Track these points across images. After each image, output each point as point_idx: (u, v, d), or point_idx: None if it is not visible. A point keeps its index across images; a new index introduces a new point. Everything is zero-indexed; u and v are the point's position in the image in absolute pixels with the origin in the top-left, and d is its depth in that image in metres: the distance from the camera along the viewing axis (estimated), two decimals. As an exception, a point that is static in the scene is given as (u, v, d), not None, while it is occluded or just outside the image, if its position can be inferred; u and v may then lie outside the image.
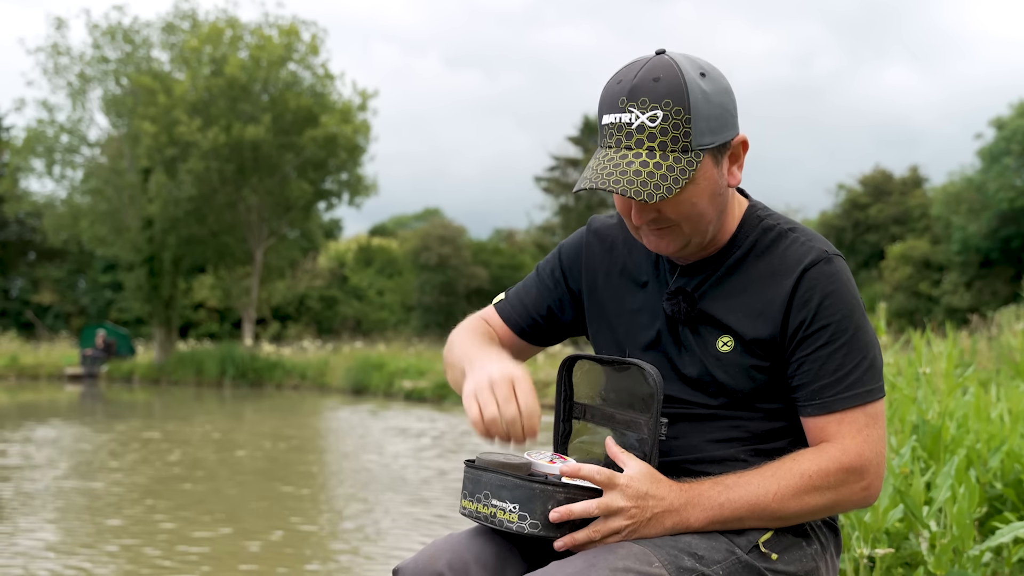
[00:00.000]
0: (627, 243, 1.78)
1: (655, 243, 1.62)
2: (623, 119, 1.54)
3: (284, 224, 31.61)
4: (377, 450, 12.04)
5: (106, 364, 29.17)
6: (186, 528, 6.96)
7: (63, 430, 14.09)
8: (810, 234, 1.66)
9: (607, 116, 1.57)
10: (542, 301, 1.82)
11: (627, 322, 1.73)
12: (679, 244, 1.61)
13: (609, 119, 1.56)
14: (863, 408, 1.58)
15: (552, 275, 1.82)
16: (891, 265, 35.08)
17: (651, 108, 1.52)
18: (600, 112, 1.60)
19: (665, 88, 1.52)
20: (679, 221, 1.58)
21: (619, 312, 1.75)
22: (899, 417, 3.33)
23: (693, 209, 1.57)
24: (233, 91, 28.46)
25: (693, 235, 1.60)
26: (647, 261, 1.74)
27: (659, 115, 1.51)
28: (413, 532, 6.97)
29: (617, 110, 1.55)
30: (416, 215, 59.49)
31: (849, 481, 1.56)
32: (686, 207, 1.56)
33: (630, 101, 1.53)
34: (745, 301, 1.63)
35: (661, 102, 1.51)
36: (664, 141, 1.52)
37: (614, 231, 1.80)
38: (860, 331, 1.60)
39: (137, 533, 6.81)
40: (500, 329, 1.84)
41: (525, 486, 1.49)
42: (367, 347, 30.66)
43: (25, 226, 41.60)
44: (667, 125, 1.51)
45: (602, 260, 1.79)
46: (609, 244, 1.79)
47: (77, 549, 6.32)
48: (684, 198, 1.55)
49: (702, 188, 1.56)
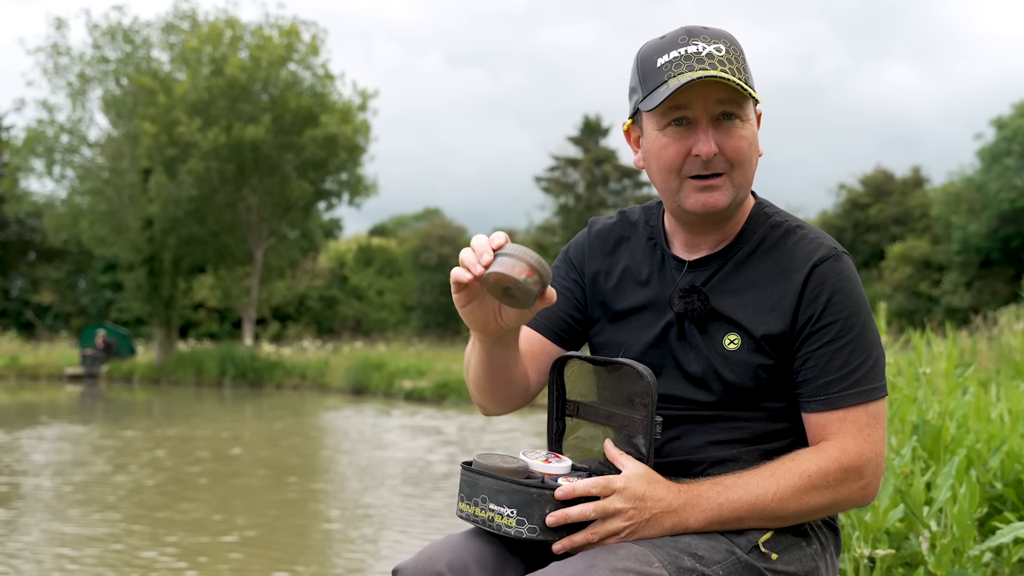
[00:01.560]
0: (628, 242, 1.77)
1: (705, 199, 1.60)
2: (689, 50, 1.57)
3: (284, 224, 31.60)
4: (377, 450, 12.03)
5: (106, 364, 29.17)
6: (186, 528, 6.96)
7: (62, 430, 14.09)
8: (817, 232, 1.67)
9: (666, 55, 1.59)
10: (568, 303, 1.78)
11: (630, 320, 1.73)
12: (727, 199, 1.60)
13: (672, 54, 1.58)
14: (865, 407, 1.58)
15: (568, 276, 1.80)
16: (891, 265, 35.07)
17: (714, 42, 1.57)
18: (651, 59, 1.60)
19: (719, 33, 1.60)
20: (735, 163, 1.59)
21: (622, 311, 1.74)
22: (899, 417, 3.32)
23: (748, 150, 1.60)
24: (233, 91, 28.45)
25: (739, 189, 1.61)
26: (650, 259, 1.74)
27: (723, 48, 1.57)
28: (413, 532, 6.97)
29: (679, 46, 1.58)
30: (416, 215, 59.46)
31: (848, 480, 1.56)
32: (744, 145, 1.59)
33: (692, 37, 1.58)
34: (754, 297, 1.63)
35: (721, 39, 1.58)
36: (732, 69, 1.56)
37: (616, 231, 1.80)
38: (866, 329, 1.60)
39: (138, 532, 6.81)
40: (532, 340, 1.77)
41: (522, 491, 1.48)
42: (367, 347, 30.66)
43: (25, 226, 41.58)
44: (731, 57, 1.57)
45: (604, 260, 1.78)
46: (611, 244, 1.79)
47: (75, 547, 6.31)
48: (743, 134, 1.59)
49: (753, 132, 1.62)
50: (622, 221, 1.81)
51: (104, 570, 5.76)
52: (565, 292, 1.78)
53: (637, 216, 1.80)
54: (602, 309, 1.77)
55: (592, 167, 42.48)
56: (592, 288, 1.78)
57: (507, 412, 1.79)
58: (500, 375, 1.69)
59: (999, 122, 32.09)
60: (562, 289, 1.78)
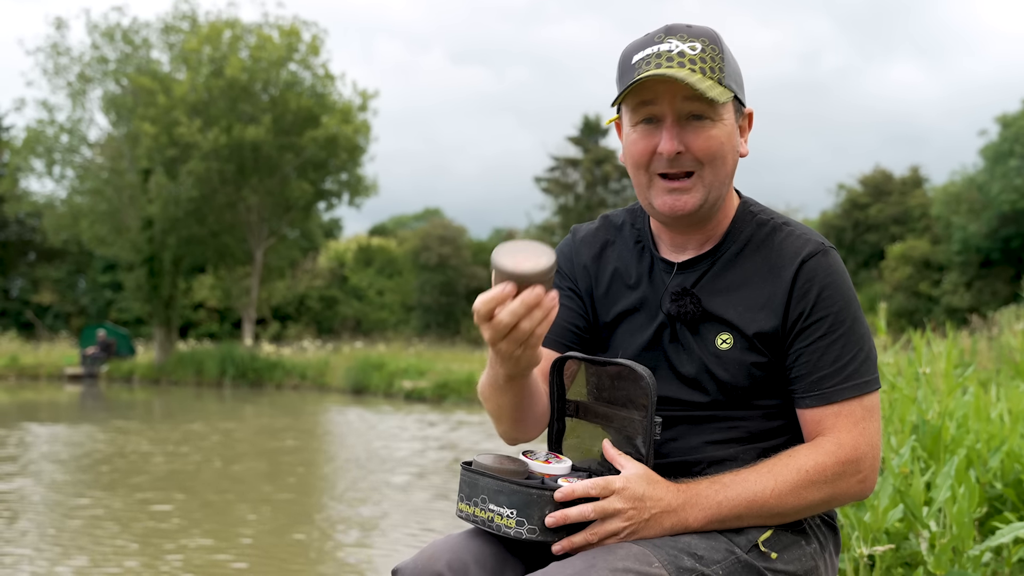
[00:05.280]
0: (614, 245, 1.77)
1: (671, 202, 1.60)
2: (661, 48, 1.57)
3: (284, 224, 31.59)
4: (376, 450, 12.03)
5: (106, 364, 29.16)
6: (185, 527, 6.96)
7: (63, 430, 14.08)
8: (804, 228, 1.67)
9: (641, 52, 1.58)
10: (570, 313, 1.76)
11: (622, 324, 1.73)
12: (697, 201, 1.60)
13: (647, 51, 1.58)
14: (859, 400, 1.58)
15: (561, 285, 1.78)
16: (891, 265, 35.05)
17: (690, 40, 1.57)
18: (627, 56, 1.60)
19: (700, 31, 1.59)
20: (704, 162, 1.58)
21: (612, 315, 1.74)
22: (899, 417, 3.32)
23: (720, 149, 1.58)
24: (233, 92, 28.44)
25: (711, 189, 1.60)
26: (639, 261, 1.73)
27: (698, 46, 1.56)
28: (412, 532, 6.97)
29: (653, 44, 1.58)
30: (416, 215, 59.47)
31: (846, 475, 1.57)
32: (714, 144, 1.57)
33: (668, 36, 1.58)
34: (745, 296, 1.63)
35: (699, 38, 1.57)
36: (703, 68, 1.55)
37: (600, 236, 1.80)
38: (856, 323, 1.61)
39: (139, 530, 6.81)
40: (544, 356, 1.73)
41: (522, 491, 1.48)
42: (367, 347, 30.66)
43: (25, 226, 41.57)
44: (705, 56, 1.56)
45: (591, 266, 1.78)
46: (597, 249, 1.78)
47: (72, 552, 6.31)
48: (713, 133, 1.57)
49: (727, 132, 1.59)
50: (605, 225, 1.80)
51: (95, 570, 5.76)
52: (565, 302, 1.76)
53: (622, 219, 1.80)
54: (593, 314, 1.77)
55: (592, 167, 42.47)
56: (587, 294, 1.78)
57: (537, 436, 1.75)
58: (533, 401, 1.67)
59: (1004, 120, 31.97)
60: (562, 300, 1.75)
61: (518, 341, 1.41)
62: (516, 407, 1.64)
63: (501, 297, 1.37)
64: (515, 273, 1.36)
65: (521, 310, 1.37)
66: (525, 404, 1.65)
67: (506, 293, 1.37)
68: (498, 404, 1.64)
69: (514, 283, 1.37)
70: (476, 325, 1.44)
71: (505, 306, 1.38)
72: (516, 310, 1.37)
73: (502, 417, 1.66)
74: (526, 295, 1.37)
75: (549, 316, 1.40)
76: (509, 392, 1.60)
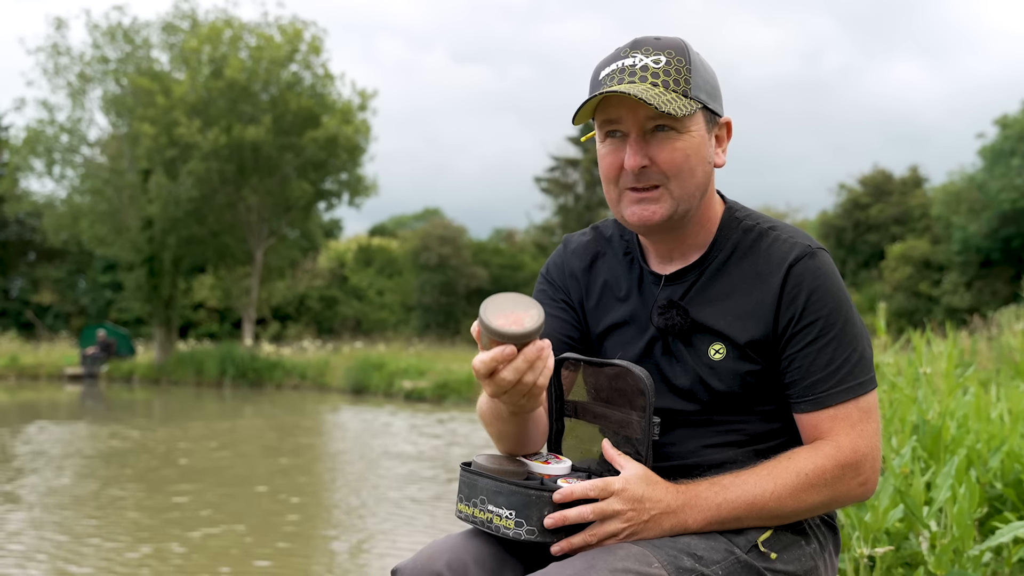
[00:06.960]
0: (605, 257, 1.77)
1: (640, 212, 1.59)
2: (625, 63, 1.57)
3: (284, 224, 31.59)
4: (376, 450, 12.03)
5: (106, 364, 29.16)
6: (184, 528, 6.95)
7: (61, 430, 14.08)
8: (791, 230, 1.65)
9: (607, 68, 1.59)
10: (564, 324, 1.76)
11: (612, 336, 1.73)
12: (665, 211, 1.59)
13: (611, 67, 1.58)
14: (855, 402, 1.58)
15: (556, 298, 1.78)
16: (891, 265, 35.04)
17: (654, 54, 1.56)
18: (597, 71, 1.61)
19: (667, 43, 1.58)
20: (670, 175, 1.57)
21: (602, 327, 1.74)
22: (899, 417, 3.32)
23: (686, 162, 1.57)
24: (233, 92, 28.44)
25: (680, 202, 1.59)
26: (628, 273, 1.73)
27: (662, 59, 1.55)
28: (412, 532, 6.97)
29: (619, 59, 1.58)
30: (416, 215, 59.45)
31: (846, 477, 1.56)
32: (679, 157, 1.56)
33: (633, 50, 1.57)
34: (734, 304, 1.62)
35: (664, 51, 1.56)
36: (667, 80, 1.54)
37: (591, 247, 1.79)
38: (848, 324, 1.59)
39: (140, 531, 6.80)
40: None
41: (521, 492, 1.48)
42: (367, 347, 30.65)
43: (25, 226, 41.55)
44: (670, 68, 1.55)
45: (583, 277, 1.77)
46: (588, 261, 1.78)
47: (77, 548, 6.31)
48: (679, 146, 1.56)
49: (695, 144, 1.58)
50: (596, 237, 1.80)
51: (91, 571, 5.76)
52: (558, 314, 1.76)
53: (611, 230, 1.79)
54: (587, 324, 1.77)
55: (592, 167, 42.46)
56: (578, 304, 1.78)
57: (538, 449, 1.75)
58: (536, 424, 1.68)
59: (1003, 121, 31.98)
60: (555, 311, 1.76)
61: (522, 393, 1.43)
62: (519, 433, 1.65)
63: (502, 358, 1.39)
64: (515, 334, 1.37)
65: (524, 367, 1.39)
66: (529, 428, 1.65)
67: (507, 354, 1.38)
68: (500, 431, 1.65)
69: (513, 343, 1.38)
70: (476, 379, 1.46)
71: (508, 365, 1.39)
72: (519, 367, 1.39)
73: (504, 440, 1.66)
74: (528, 352, 1.39)
75: (548, 365, 1.42)
76: (512, 423, 1.61)
